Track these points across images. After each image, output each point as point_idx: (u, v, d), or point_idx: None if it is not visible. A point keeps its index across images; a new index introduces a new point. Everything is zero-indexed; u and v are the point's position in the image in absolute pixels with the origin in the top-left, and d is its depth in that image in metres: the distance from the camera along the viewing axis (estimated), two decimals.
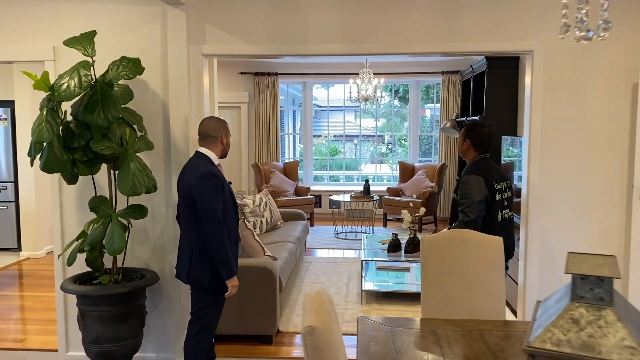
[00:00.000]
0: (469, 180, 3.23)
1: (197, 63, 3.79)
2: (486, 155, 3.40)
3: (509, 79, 6.64)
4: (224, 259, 3.03)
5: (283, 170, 9.10)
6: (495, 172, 3.36)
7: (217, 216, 3.00)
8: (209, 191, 3.01)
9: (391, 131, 11.34)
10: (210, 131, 3.18)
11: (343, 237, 7.86)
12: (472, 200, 3.17)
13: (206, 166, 3.08)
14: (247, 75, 9.46)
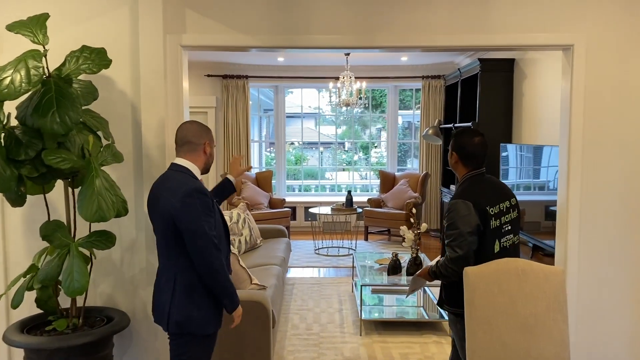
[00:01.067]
0: (456, 206, 2.57)
1: (175, 56, 3.13)
2: (481, 171, 2.72)
3: (503, 82, 6.22)
4: (227, 288, 2.45)
5: (255, 180, 8.43)
6: (490, 192, 2.69)
7: (212, 241, 2.36)
8: (199, 213, 2.36)
9: (351, 138, 10.87)
10: (191, 136, 2.53)
11: (324, 254, 7.26)
12: (460, 232, 2.51)
13: (190, 182, 2.43)
14: (214, 78, 8.77)
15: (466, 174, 2.74)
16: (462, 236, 2.52)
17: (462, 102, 7.10)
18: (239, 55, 8.04)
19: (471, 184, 2.70)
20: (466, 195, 2.61)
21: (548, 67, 5.32)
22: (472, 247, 2.54)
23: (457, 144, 2.76)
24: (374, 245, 7.78)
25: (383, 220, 7.84)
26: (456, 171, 2.81)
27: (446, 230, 2.60)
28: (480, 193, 2.64)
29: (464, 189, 2.67)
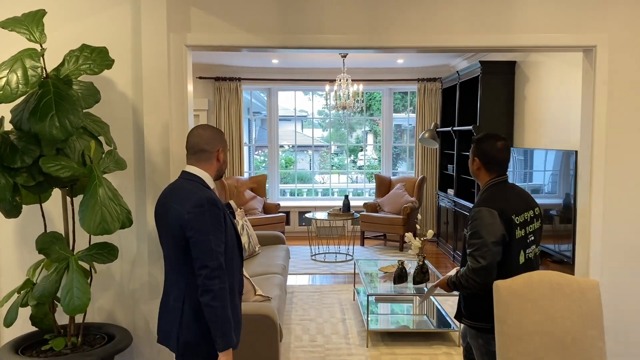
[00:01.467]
0: (480, 214, 2.43)
1: (180, 56, 2.96)
2: (504, 178, 2.59)
3: (505, 85, 6.13)
4: (223, 323, 2.15)
5: (249, 184, 8.25)
6: (516, 200, 2.57)
7: (218, 261, 2.18)
8: (207, 227, 2.18)
9: (339, 141, 10.75)
10: (204, 144, 2.35)
11: (321, 260, 7.09)
12: (483, 241, 2.38)
13: (202, 191, 2.25)
14: (206, 81, 8.56)
15: (489, 180, 2.60)
16: (486, 246, 2.38)
17: (461, 105, 7.00)
18: (231, 57, 7.86)
19: (495, 191, 2.56)
20: (491, 203, 2.47)
21: (551, 69, 5.23)
22: (496, 257, 2.40)
23: (480, 150, 2.62)
24: (370, 251, 7.64)
25: (380, 225, 7.71)
26: (478, 178, 2.67)
27: (468, 239, 2.46)
28: (506, 201, 2.51)
29: (488, 196, 2.54)
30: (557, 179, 4.60)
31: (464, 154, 6.95)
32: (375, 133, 15.72)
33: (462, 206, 6.67)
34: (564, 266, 4.29)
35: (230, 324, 2.19)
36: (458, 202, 6.82)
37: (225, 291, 2.20)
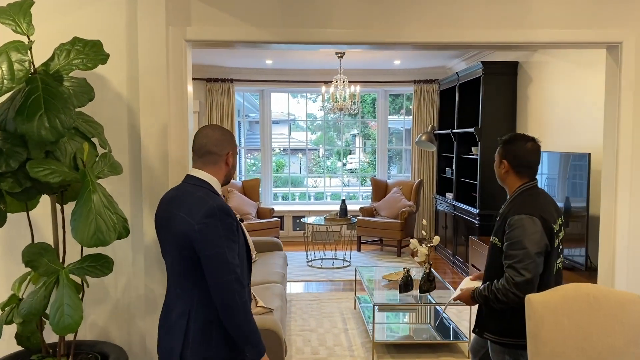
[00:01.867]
0: (522, 222, 2.25)
1: (179, 52, 2.75)
2: (535, 183, 2.43)
3: (507, 86, 5.99)
4: (251, 335, 2.02)
5: (242, 189, 8.02)
6: (551, 207, 2.41)
7: (234, 271, 1.98)
8: (221, 236, 1.98)
9: (328, 145, 10.58)
10: (212, 146, 2.14)
11: (318, 266, 6.88)
12: (527, 252, 2.20)
13: (212, 199, 2.04)
14: (198, 82, 8.33)
15: (521, 186, 2.42)
16: (530, 257, 2.21)
17: (461, 107, 6.85)
18: (224, 58, 7.64)
19: (529, 197, 2.38)
20: (531, 210, 2.30)
21: (556, 70, 5.09)
22: (540, 269, 2.24)
23: (508, 152, 2.45)
24: (368, 256, 7.45)
25: (377, 230, 7.52)
26: (505, 183, 2.50)
27: (508, 250, 2.28)
28: (544, 208, 2.34)
29: (525, 203, 2.36)
30: (567, 183, 4.45)
31: (464, 157, 6.80)
32: (366, 136, 15.57)
33: (462, 210, 6.51)
34: (575, 273, 4.13)
35: (258, 334, 2.06)
36: (458, 206, 6.66)
37: (247, 304, 2.03)
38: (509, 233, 2.30)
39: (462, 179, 6.77)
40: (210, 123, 8.13)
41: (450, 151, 7.58)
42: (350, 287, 5.83)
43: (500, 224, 2.40)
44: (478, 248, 5.55)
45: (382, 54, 7.15)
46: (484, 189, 5.98)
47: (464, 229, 6.47)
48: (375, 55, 7.21)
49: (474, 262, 5.67)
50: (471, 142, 6.70)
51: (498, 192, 5.90)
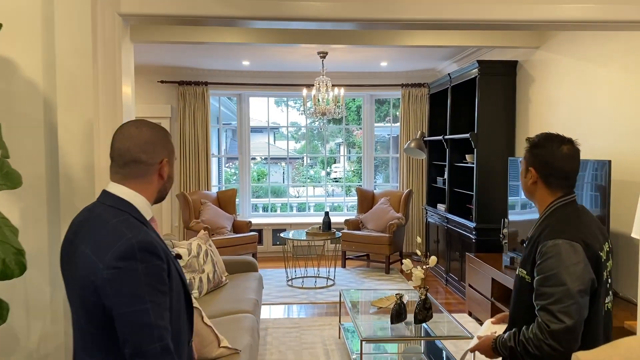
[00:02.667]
0: (558, 250, 1.69)
1: (110, 29, 2.13)
2: (573, 197, 1.87)
3: (505, 87, 5.46)
4: None
5: (217, 200, 7.38)
6: (595, 229, 1.82)
7: (162, 342, 1.37)
8: (143, 290, 1.38)
9: (312, 153, 10.01)
10: (140, 152, 1.53)
11: (298, 285, 6.26)
12: (566, 290, 1.64)
13: (133, 230, 1.43)
14: (169, 85, 7.70)
15: (555, 201, 1.84)
16: (571, 297, 1.63)
17: (453, 111, 6.31)
18: (197, 59, 7.03)
19: (567, 216, 1.81)
20: (571, 234, 1.72)
21: (562, 69, 4.57)
22: (585, 313, 1.65)
23: (537, 157, 1.87)
24: (353, 274, 6.85)
25: (363, 244, 6.93)
26: (534, 197, 1.92)
27: (541, 286, 1.70)
28: (587, 230, 1.76)
29: (562, 223, 1.78)
30: (579, 194, 3.90)
31: (457, 166, 6.25)
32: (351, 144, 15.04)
33: (456, 224, 5.95)
34: None
35: None
36: (451, 218, 6.10)
37: None
38: (541, 264, 1.72)
39: (456, 189, 6.21)
40: (182, 129, 7.49)
41: (441, 159, 7.03)
42: (335, 311, 5.22)
43: (530, 252, 1.82)
44: (476, 267, 4.98)
45: (368, 54, 6.59)
46: (481, 200, 5.42)
47: (458, 243, 5.91)
48: (361, 55, 6.66)
49: (472, 282, 5.10)
50: (465, 149, 6.16)
51: (497, 204, 5.36)
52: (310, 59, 6.79)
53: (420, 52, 6.59)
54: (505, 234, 4.98)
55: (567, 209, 1.82)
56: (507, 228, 4.92)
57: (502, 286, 4.49)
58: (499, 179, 5.37)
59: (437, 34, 4.91)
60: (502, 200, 5.32)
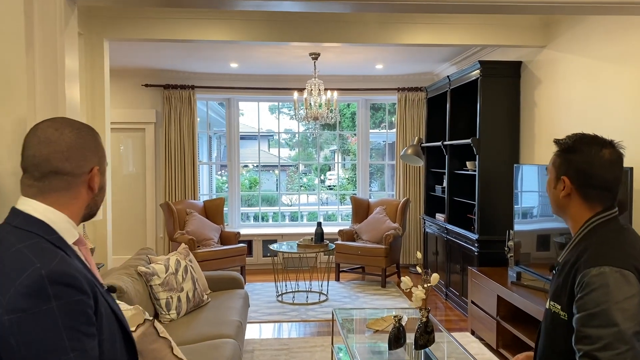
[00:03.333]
0: (605, 280, 1.33)
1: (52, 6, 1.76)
2: (614, 213, 1.50)
3: (508, 90, 5.12)
4: None
5: (203, 210, 7.00)
6: None
7: None
8: (60, 336, 1.02)
9: (306, 160, 9.64)
10: (63, 160, 1.19)
11: (289, 301, 5.87)
12: (619, 333, 1.29)
13: (43, 259, 1.07)
14: (153, 88, 7.33)
15: (593, 218, 1.48)
16: (625, 341, 1.27)
17: (453, 116, 5.96)
18: (183, 61, 6.67)
19: (613, 236, 1.44)
20: (619, 259, 1.35)
21: (572, 68, 4.23)
22: None
23: (573, 164, 1.50)
24: (348, 288, 6.46)
25: (358, 256, 6.55)
26: (566, 212, 1.54)
27: (584, 326, 1.33)
28: (638, 254, 1.39)
29: (606, 245, 1.41)
30: None
31: (457, 173, 5.89)
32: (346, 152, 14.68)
33: (457, 235, 5.59)
34: None
35: None
36: (451, 229, 5.74)
37: None
38: (584, 297, 1.35)
39: (456, 198, 5.86)
40: (168, 135, 7.13)
41: (440, 166, 6.69)
42: (327, 330, 4.84)
43: (565, 282, 1.45)
44: (479, 282, 4.62)
45: (362, 56, 6.26)
46: (484, 210, 5.06)
47: (459, 256, 5.54)
48: (355, 57, 6.32)
49: (475, 298, 4.73)
50: (466, 156, 5.81)
51: (501, 214, 5.01)
52: (302, 60, 6.44)
53: (417, 54, 6.26)
54: (511, 246, 4.62)
55: (610, 228, 1.45)
56: (512, 240, 4.57)
57: (509, 304, 4.13)
58: (502, 187, 5.02)
59: (437, 31, 4.57)
60: (507, 211, 4.96)
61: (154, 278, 3.77)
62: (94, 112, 4.27)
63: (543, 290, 3.95)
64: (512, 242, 4.61)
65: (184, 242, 6.16)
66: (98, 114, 4.28)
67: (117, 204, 7.29)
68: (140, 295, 3.53)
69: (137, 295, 3.46)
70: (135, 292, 3.46)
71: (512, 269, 4.50)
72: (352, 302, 5.83)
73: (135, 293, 3.45)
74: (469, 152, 5.76)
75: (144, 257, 4.04)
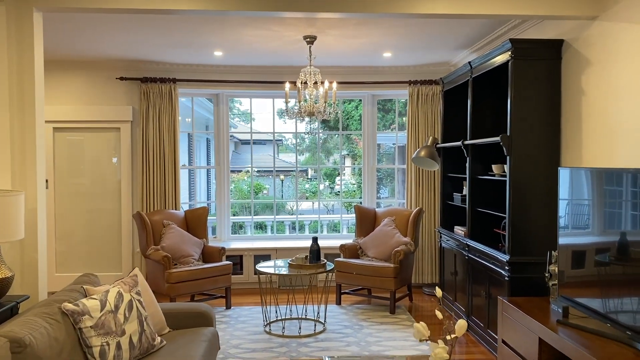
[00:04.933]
0: None
1: None
2: None
3: (547, 75, 4.13)
4: None
5: (184, 221, 6.06)
6: None
7: None
8: None
9: (315, 165, 8.68)
10: None
11: (278, 332, 4.89)
12: None
13: None
14: (130, 82, 6.42)
15: None
16: None
17: (475, 110, 4.98)
18: (162, 51, 5.76)
19: None
20: None
21: (636, 44, 3.24)
22: None
23: None
24: (350, 314, 5.48)
25: (363, 277, 5.57)
26: None
27: None
28: None
29: None
30: None
31: (481, 179, 4.90)
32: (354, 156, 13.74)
33: (480, 253, 4.59)
34: None
35: None
36: (473, 246, 4.74)
37: None
38: None
39: (480, 209, 4.86)
40: (146, 136, 6.25)
41: (459, 171, 5.71)
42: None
43: None
44: (513, 317, 3.62)
45: (367, 41, 5.31)
46: (517, 225, 4.07)
47: (483, 279, 4.55)
48: (358, 43, 5.36)
49: (507, 337, 3.73)
50: (491, 158, 4.83)
51: (539, 230, 4.01)
52: (296, 47, 5.51)
53: (430, 41, 5.29)
54: (553, 272, 3.63)
55: None
56: (555, 264, 3.58)
57: (556, 352, 3.13)
58: (540, 196, 4.03)
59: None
60: (547, 226, 3.98)
61: (84, 319, 2.82)
62: (22, 103, 3.35)
63: (600, 334, 2.96)
64: (554, 267, 3.63)
65: (158, 259, 5.23)
66: (27, 106, 3.36)
67: (89, 214, 6.40)
68: (59, 345, 2.59)
69: (52, 346, 2.53)
70: (50, 342, 2.52)
71: (555, 301, 3.51)
72: (355, 333, 4.85)
73: (50, 344, 2.51)
74: (495, 153, 4.78)
75: (78, 289, 3.11)
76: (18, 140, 3.35)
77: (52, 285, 6.30)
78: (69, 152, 6.43)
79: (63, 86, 6.36)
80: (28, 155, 3.36)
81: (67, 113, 6.32)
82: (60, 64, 6.26)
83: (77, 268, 6.36)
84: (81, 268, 6.35)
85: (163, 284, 5.21)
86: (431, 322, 5.27)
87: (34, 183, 3.36)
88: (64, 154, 6.42)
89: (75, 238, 6.41)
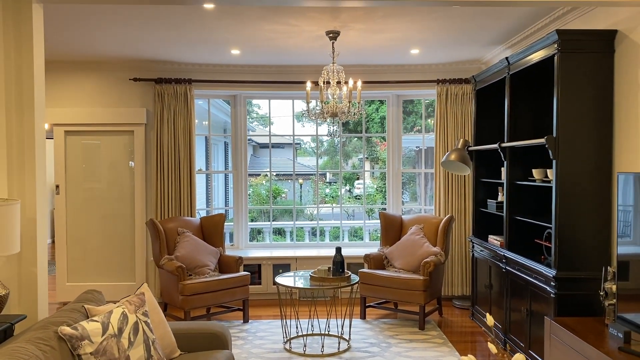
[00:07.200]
0: None
1: None
2: None
3: (599, 70, 3.71)
4: None
5: (200, 229, 5.74)
6: None
7: None
8: None
9: (334, 169, 8.32)
10: None
11: (299, 351, 4.54)
12: None
13: None
14: (144, 83, 6.14)
15: None
16: None
17: (514, 110, 4.58)
18: (177, 50, 5.47)
19: None
20: None
21: None
22: None
23: None
24: (376, 330, 5.10)
25: (389, 290, 5.19)
26: None
27: None
28: None
29: None
30: None
31: (520, 184, 4.50)
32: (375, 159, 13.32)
33: (519, 266, 4.19)
34: None
35: None
36: (512, 258, 4.33)
37: None
38: None
39: (518, 217, 4.45)
40: (160, 139, 5.97)
41: (493, 175, 5.31)
42: None
43: None
44: (563, 340, 3.22)
45: (394, 36, 4.95)
46: (565, 236, 3.66)
47: (524, 295, 4.14)
48: (384, 38, 5.01)
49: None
50: (532, 162, 4.43)
51: (590, 242, 3.60)
52: (318, 45, 5.17)
53: (462, 35, 4.92)
54: (610, 290, 3.22)
55: None
56: (614, 281, 3.17)
57: None
58: (592, 204, 3.62)
59: None
60: (600, 237, 3.57)
61: (83, 344, 2.50)
62: (20, 104, 3.06)
63: None
64: (611, 284, 3.22)
65: (171, 270, 4.93)
66: (26, 107, 3.06)
67: (103, 219, 6.13)
68: None
69: None
70: None
71: (613, 324, 3.10)
72: (382, 352, 4.47)
73: None
74: (536, 156, 4.38)
75: (78, 308, 2.79)
76: (16, 144, 3.05)
77: (62, 295, 6.06)
78: (83, 156, 6.16)
79: (73, 88, 6.10)
80: (27, 160, 3.06)
81: (78, 116, 6.06)
82: (71, 64, 6.01)
83: (89, 277, 6.09)
84: (93, 277, 6.08)
85: (177, 296, 4.90)
86: (463, 339, 4.87)
87: (33, 191, 3.06)
88: (78, 158, 6.16)
89: (88, 245, 6.14)
